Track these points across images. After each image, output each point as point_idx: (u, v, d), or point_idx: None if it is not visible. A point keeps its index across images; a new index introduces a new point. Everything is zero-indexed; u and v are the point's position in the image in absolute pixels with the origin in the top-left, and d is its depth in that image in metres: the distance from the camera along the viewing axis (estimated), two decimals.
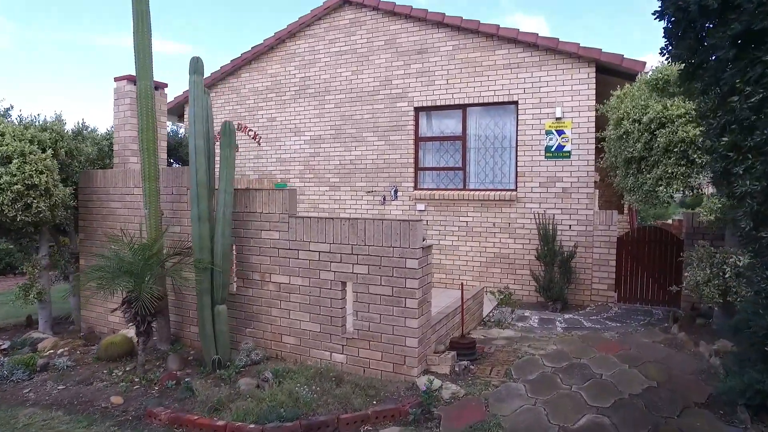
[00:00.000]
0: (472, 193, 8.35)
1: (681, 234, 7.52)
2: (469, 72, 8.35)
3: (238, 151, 10.71)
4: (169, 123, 12.08)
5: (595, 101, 7.57)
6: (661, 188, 5.32)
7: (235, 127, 11.14)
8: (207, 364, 4.92)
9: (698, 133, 4.93)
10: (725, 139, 3.30)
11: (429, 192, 8.70)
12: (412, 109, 8.82)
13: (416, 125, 8.90)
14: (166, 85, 6.96)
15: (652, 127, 5.37)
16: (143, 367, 4.96)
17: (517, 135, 8.08)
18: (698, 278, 5.18)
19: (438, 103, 8.60)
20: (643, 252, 7.54)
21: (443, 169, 8.81)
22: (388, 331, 4.54)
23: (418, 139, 8.92)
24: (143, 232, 5.42)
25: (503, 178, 8.42)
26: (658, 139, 5.25)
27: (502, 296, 7.72)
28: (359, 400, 4.12)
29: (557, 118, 7.76)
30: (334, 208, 9.60)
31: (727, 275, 5.04)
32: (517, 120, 8.06)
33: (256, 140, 10.43)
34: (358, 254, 4.63)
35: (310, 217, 4.88)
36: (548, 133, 7.84)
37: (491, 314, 6.93)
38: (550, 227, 7.59)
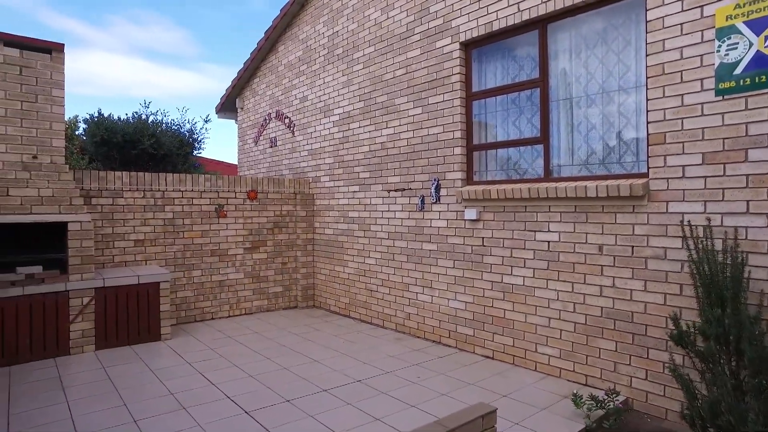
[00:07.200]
0: (558, 186, 4.25)
1: None
2: None
3: (276, 145, 8.44)
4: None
5: None
6: None
7: (274, 115, 8.96)
8: None
9: None
10: None
11: (485, 188, 4.86)
12: (457, 47, 5.14)
13: (466, 73, 5.17)
14: (61, 47, 4.95)
15: None
16: None
17: (646, 56, 3.74)
18: None
19: (497, 27, 4.76)
20: None
21: (509, 144, 4.87)
22: None
23: (470, 96, 5.16)
24: None
25: (622, 153, 4.10)
26: None
27: (602, 410, 3.51)
28: None
29: None
30: (364, 218, 6.42)
31: None
32: (647, 23, 3.73)
33: (291, 129, 7.97)
34: None
35: None
36: (723, 33, 3.34)
37: None
38: (728, 259, 3.10)
